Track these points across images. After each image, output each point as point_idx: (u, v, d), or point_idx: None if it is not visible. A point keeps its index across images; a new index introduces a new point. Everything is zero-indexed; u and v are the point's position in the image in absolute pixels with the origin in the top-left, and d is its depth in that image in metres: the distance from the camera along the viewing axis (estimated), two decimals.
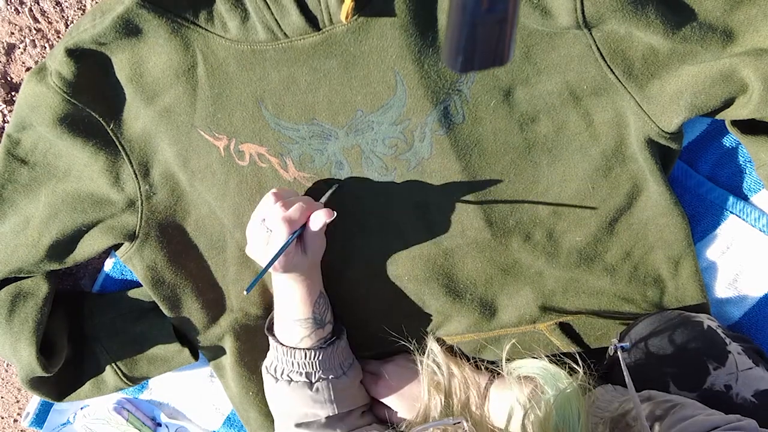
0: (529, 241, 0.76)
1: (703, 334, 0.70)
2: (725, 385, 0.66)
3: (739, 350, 0.69)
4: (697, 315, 0.74)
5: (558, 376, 0.69)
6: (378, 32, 0.67)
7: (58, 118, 0.71)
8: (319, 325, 0.76)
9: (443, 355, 0.80)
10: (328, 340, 0.77)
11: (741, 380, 0.67)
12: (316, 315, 0.75)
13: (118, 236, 0.78)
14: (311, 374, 0.76)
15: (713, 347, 0.69)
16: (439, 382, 0.78)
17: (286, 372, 0.77)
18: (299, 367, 0.76)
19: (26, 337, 0.77)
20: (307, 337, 0.76)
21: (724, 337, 0.70)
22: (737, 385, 0.66)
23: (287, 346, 0.76)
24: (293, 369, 0.76)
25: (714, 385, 0.67)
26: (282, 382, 0.77)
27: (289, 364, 0.76)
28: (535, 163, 0.73)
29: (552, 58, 0.68)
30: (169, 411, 0.98)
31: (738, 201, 0.77)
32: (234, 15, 0.67)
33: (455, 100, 0.70)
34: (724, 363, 0.68)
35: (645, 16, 0.62)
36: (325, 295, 0.78)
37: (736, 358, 0.68)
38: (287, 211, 0.69)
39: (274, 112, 0.72)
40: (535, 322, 0.80)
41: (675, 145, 0.70)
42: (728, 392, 0.66)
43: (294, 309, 0.75)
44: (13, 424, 1.06)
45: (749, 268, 0.79)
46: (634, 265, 0.77)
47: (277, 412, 0.80)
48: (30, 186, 0.77)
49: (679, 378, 0.68)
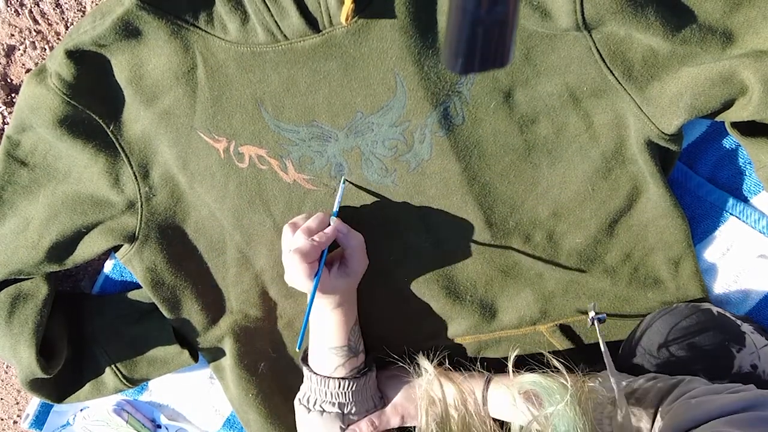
0: (529, 243, 0.76)
1: (717, 320, 0.71)
2: (751, 365, 0.68)
3: (751, 329, 0.71)
4: (702, 303, 0.75)
5: (551, 390, 0.68)
6: (378, 34, 0.67)
7: (58, 120, 0.71)
8: (354, 354, 0.76)
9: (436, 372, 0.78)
10: (361, 370, 0.77)
11: (763, 358, 0.68)
12: (351, 343, 0.75)
13: (117, 238, 0.78)
14: (344, 405, 0.75)
15: (730, 331, 0.70)
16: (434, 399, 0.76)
17: (318, 402, 0.76)
18: (332, 397, 0.75)
19: (26, 338, 0.77)
20: (341, 366, 0.75)
21: (735, 319, 0.72)
22: (761, 362, 0.68)
23: (321, 375, 0.76)
24: (326, 399, 0.76)
25: (741, 367, 0.68)
26: (314, 413, 0.76)
27: (322, 393, 0.76)
28: (535, 164, 0.73)
29: (552, 59, 0.68)
30: (168, 413, 0.98)
31: (738, 203, 0.77)
32: (234, 17, 0.67)
33: (455, 102, 0.70)
34: (744, 344, 0.69)
35: (645, 18, 0.62)
36: (358, 323, 0.78)
37: (753, 338, 0.70)
38: (294, 239, 0.70)
39: (273, 114, 0.72)
40: (536, 323, 0.80)
41: (675, 146, 0.70)
42: (756, 371, 0.68)
43: (330, 336, 0.75)
44: (13, 426, 1.05)
45: (749, 269, 0.79)
46: (635, 267, 0.77)
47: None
48: (30, 187, 0.77)
49: (709, 369, 0.69)
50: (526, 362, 0.76)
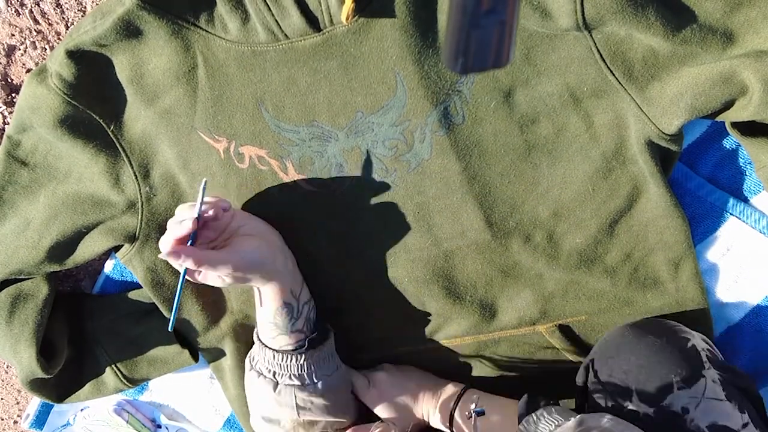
0: (529, 243, 0.76)
1: (683, 350, 0.67)
2: (683, 407, 0.63)
3: (715, 378, 0.65)
4: (690, 332, 0.71)
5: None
6: (378, 33, 0.67)
7: (58, 120, 0.71)
8: (284, 332, 0.75)
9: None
10: (299, 347, 0.75)
11: (702, 407, 0.62)
12: (278, 321, 0.74)
13: (118, 238, 0.78)
14: (278, 374, 0.76)
15: (687, 367, 0.65)
16: None
17: (258, 365, 0.77)
18: (267, 364, 0.76)
19: (26, 338, 0.77)
20: (274, 339, 0.75)
21: (705, 360, 0.67)
22: (695, 410, 0.62)
23: (260, 340, 0.77)
24: (264, 365, 0.76)
25: (672, 404, 0.63)
26: (254, 372, 0.77)
27: (261, 359, 0.77)
28: (535, 164, 0.73)
29: (552, 59, 0.68)
30: (169, 412, 0.98)
31: (738, 203, 0.77)
32: (234, 16, 0.67)
33: (455, 101, 0.70)
34: (691, 385, 0.64)
35: (645, 18, 0.62)
36: (296, 306, 0.75)
37: (707, 385, 0.64)
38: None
39: (274, 113, 0.72)
40: (535, 324, 0.80)
41: (675, 147, 0.70)
42: (684, 415, 0.62)
43: (259, 309, 0.75)
44: (13, 426, 1.05)
45: (750, 270, 0.78)
46: (634, 267, 0.77)
47: (248, 400, 0.81)
48: (30, 187, 0.77)
49: (643, 390, 0.65)
50: (526, 364, 0.76)
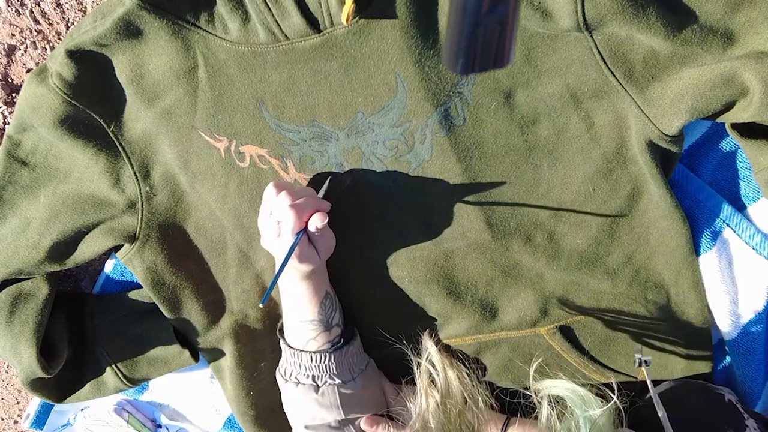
0: (529, 243, 0.76)
1: (725, 405, 0.72)
2: None
3: (755, 426, 0.70)
4: (719, 387, 0.76)
5: (588, 400, 0.68)
6: (379, 34, 0.67)
7: (58, 120, 0.71)
8: (326, 328, 0.76)
9: (438, 354, 0.79)
10: (335, 344, 0.77)
11: None
12: (321, 316, 0.75)
13: (118, 238, 0.78)
14: (318, 377, 0.76)
15: (733, 418, 0.70)
16: (434, 380, 0.77)
17: (294, 374, 0.77)
18: (305, 369, 0.76)
19: (27, 338, 0.77)
20: (313, 339, 0.75)
21: (743, 411, 0.72)
22: None
23: (294, 348, 0.77)
24: (300, 371, 0.76)
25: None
26: (290, 383, 0.77)
27: (297, 366, 0.77)
28: (535, 165, 0.73)
29: (553, 60, 0.68)
30: (169, 412, 0.98)
31: (735, 213, 0.75)
32: (235, 17, 0.67)
33: (456, 102, 0.70)
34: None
35: (646, 19, 0.62)
36: (333, 297, 0.78)
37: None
38: (294, 199, 0.69)
39: (274, 113, 0.72)
40: (536, 324, 0.80)
41: (676, 148, 0.70)
42: None
43: (300, 310, 0.75)
44: (14, 426, 1.06)
45: (742, 286, 0.77)
46: (636, 269, 0.77)
47: (288, 413, 0.81)
48: (30, 187, 0.77)
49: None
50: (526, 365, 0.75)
